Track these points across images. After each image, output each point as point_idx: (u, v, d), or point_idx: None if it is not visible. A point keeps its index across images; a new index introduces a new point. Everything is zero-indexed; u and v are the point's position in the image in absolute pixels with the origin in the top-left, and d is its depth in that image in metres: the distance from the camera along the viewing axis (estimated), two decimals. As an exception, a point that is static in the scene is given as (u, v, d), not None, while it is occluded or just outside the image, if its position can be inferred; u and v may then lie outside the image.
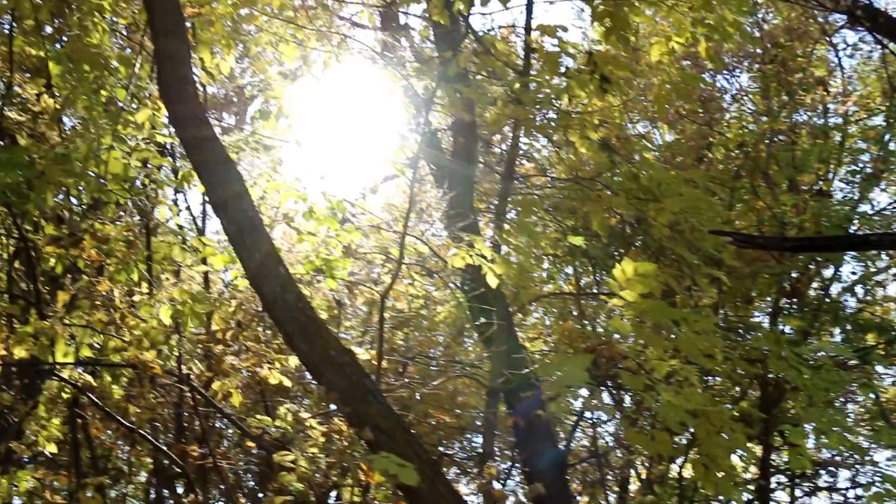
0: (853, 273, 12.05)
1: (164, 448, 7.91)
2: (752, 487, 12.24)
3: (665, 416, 4.80)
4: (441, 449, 12.80)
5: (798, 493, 12.94)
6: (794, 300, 11.83)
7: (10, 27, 7.47)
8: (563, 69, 7.10)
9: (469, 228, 7.84)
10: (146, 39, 7.41)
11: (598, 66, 6.74)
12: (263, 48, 8.46)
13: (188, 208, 9.82)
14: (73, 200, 8.00)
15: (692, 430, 5.14)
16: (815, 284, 11.99)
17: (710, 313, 10.16)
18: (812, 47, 12.49)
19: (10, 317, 7.44)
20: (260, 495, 10.13)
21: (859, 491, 12.46)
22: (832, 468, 12.71)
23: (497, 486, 9.44)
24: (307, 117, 8.43)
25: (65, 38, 7.93)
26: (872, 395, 11.93)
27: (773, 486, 12.50)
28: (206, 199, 8.71)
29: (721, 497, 9.21)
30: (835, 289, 11.96)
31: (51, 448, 7.43)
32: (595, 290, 12.22)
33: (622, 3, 6.73)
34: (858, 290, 12.06)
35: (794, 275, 11.48)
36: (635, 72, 10.78)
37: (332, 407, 5.59)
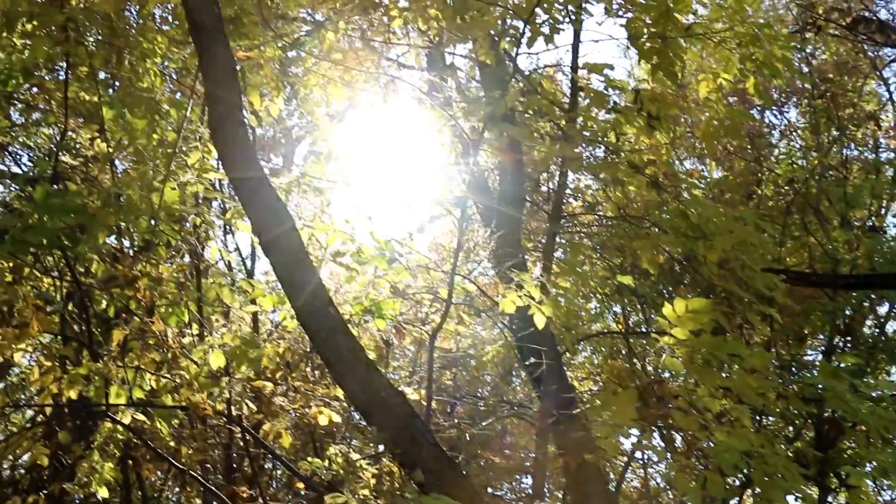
0: (909, 310, 11.84)
1: (215, 489, 7.91)
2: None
3: (719, 457, 4.70)
4: (490, 490, 12.68)
5: (857, 536, 12.60)
6: (849, 338, 11.62)
7: (66, 74, 7.63)
8: (610, 105, 7.07)
9: (517, 268, 7.80)
10: (197, 83, 7.53)
11: (644, 105, 6.70)
12: (311, 90, 8.55)
13: (237, 249, 9.90)
14: (126, 242, 8.09)
15: (745, 470, 5.03)
16: (869, 322, 11.79)
17: (763, 351, 9.99)
18: (862, 82, 12.39)
19: (64, 358, 7.52)
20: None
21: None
22: (893, 511, 12.39)
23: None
24: (355, 157, 8.47)
25: (118, 83, 8.08)
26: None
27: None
28: (255, 239, 8.80)
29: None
30: (890, 326, 11.76)
31: (103, 493, 7.47)
32: (644, 329, 12.10)
33: (669, 39, 6.70)
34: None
35: (848, 312, 11.28)
36: (683, 109, 10.73)
37: (382, 448, 5.56)
